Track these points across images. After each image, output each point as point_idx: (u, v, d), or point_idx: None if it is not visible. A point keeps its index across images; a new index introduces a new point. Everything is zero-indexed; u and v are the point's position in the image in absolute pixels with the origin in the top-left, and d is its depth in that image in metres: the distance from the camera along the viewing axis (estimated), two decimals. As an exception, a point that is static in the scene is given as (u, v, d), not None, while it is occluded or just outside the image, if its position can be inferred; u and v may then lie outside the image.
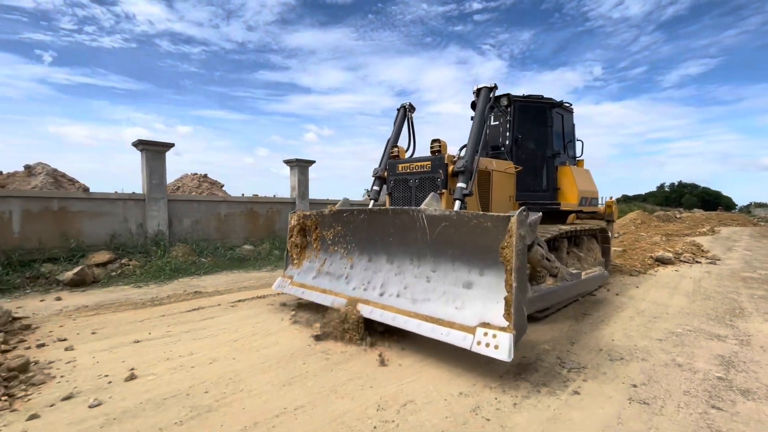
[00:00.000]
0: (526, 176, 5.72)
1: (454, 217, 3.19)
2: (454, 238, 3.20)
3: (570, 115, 6.76)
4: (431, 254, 3.40)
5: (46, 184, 8.30)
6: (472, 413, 2.34)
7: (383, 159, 5.56)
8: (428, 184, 4.65)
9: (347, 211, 4.27)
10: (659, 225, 21.26)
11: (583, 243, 5.59)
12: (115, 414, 2.30)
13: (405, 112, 5.82)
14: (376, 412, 2.33)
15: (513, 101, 5.85)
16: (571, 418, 2.30)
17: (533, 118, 6.09)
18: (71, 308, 4.75)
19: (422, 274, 3.42)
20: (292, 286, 4.59)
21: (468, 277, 3.09)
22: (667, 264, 8.60)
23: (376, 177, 5.48)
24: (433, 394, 2.56)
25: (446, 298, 3.13)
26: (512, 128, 5.90)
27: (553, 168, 6.18)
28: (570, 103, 6.65)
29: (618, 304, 5.09)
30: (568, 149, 6.61)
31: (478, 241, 3.00)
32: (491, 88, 4.60)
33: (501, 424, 2.22)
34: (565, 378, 2.85)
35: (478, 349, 2.66)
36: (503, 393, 2.60)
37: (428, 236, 3.38)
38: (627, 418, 2.30)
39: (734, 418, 2.32)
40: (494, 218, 2.87)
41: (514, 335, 2.60)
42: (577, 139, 6.93)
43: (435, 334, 2.95)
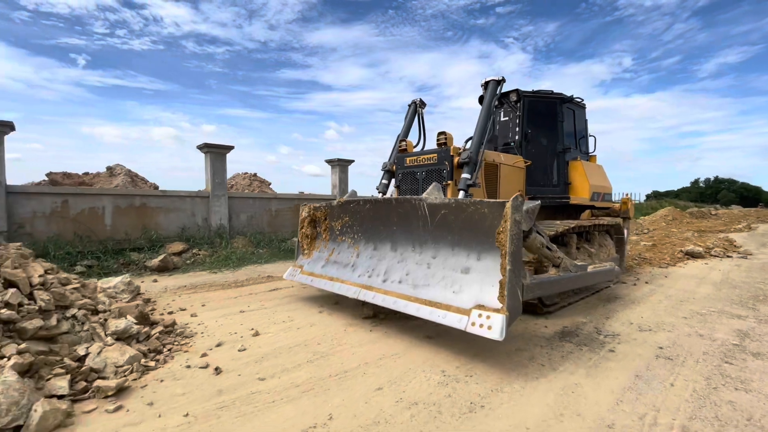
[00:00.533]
0: (536, 171, 5.79)
1: (453, 205, 3.30)
2: (454, 225, 3.30)
3: (582, 110, 6.76)
4: (432, 241, 3.53)
5: (126, 183, 9.42)
6: (530, 361, 3.02)
7: (392, 153, 5.63)
8: (435, 176, 4.73)
9: (354, 202, 4.42)
10: (691, 221, 21.01)
11: (595, 239, 5.64)
12: (261, 355, 3.11)
13: (416, 107, 5.88)
14: (455, 357, 3.04)
15: (522, 97, 5.92)
16: (608, 366, 2.94)
17: (543, 113, 6.09)
18: (172, 288, 5.68)
19: (423, 261, 3.54)
20: (302, 275, 4.77)
21: (466, 262, 3.19)
22: (697, 258, 8.91)
23: (385, 171, 5.54)
24: (494, 350, 3.25)
25: (445, 282, 3.24)
26: (522, 123, 5.92)
27: (564, 163, 6.17)
28: (581, 99, 6.62)
29: (647, 291, 5.61)
30: (580, 145, 6.61)
31: (476, 227, 3.09)
32: (499, 81, 4.66)
33: (553, 368, 2.89)
34: (601, 341, 3.48)
35: (472, 329, 2.76)
36: (552, 349, 3.27)
37: (429, 224, 3.50)
38: (654, 367, 2.92)
39: (743, 370, 2.90)
40: (491, 204, 2.97)
41: (507, 317, 2.68)
42: (590, 134, 6.95)
43: (433, 317, 3.07)
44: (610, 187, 6.84)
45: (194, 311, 4.37)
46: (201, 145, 9.36)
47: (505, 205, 2.81)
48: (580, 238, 5.29)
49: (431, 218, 3.48)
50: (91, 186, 9.12)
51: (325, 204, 4.88)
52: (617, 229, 6.16)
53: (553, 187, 6.07)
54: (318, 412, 2.27)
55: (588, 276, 4.14)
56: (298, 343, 3.36)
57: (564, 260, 3.68)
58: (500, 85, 4.68)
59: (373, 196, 5.29)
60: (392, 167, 5.46)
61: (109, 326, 3.03)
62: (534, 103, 6.03)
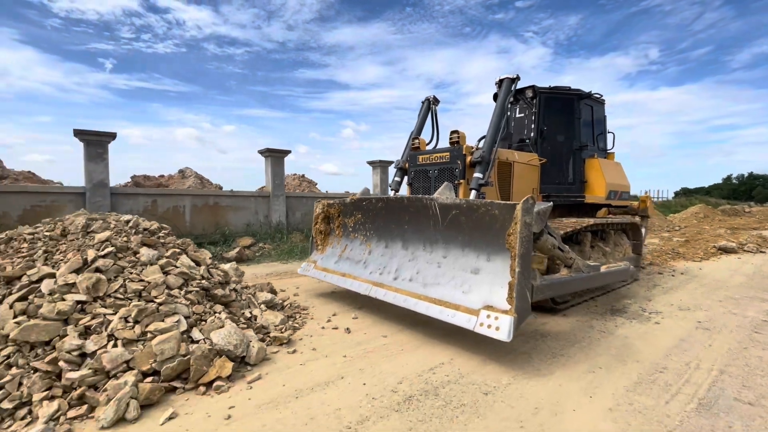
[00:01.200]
0: (551, 168, 5.70)
1: (464, 205, 3.32)
2: (464, 225, 3.33)
3: (600, 106, 6.59)
4: (443, 241, 3.56)
5: (196, 183, 10.52)
6: (590, 328, 3.76)
7: (405, 151, 5.60)
8: (447, 175, 4.71)
9: (366, 200, 4.46)
10: (724, 219, 20.91)
11: (610, 237, 5.56)
12: (372, 320, 3.95)
13: (429, 104, 5.80)
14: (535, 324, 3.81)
15: (538, 93, 5.82)
16: (656, 334, 3.64)
17: (559, 109, 5.96)
18: (260, 274, 6.62)
19: (434, 260, 3.58)
20: (316, 270, 4.87)
21: (476, 262, 3.21)
22: (730, 253, 9.32)
23: (397, 168, 5.54)
24: (564, 324, 3.99)
25: (455, 282, 3.27)
26: (537, 120, 5.82)
27: (580, 160, 6.04)
28: (600, 94, 6.50)
29: (684, 280, 6.20)
30: (598, 141, 6.45)
31: (487, 229, 3.12)
32: (513, 78, 4.64)
33: (610, 333, 3.62)
34: (647, 317, 4.17)
35: (480, 330, 2.80)
36: (606, 321, 3.99)
37: (440, 223, 3.53)
38: (694, 334, 3.61)
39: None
40: (501, 206, 2.99)
41: (515, 318, 2.69)
42: (608, 131, 6.78)
43: (442, 316, 3.13)
44: (628, 185, 6.76)
45: (295, 291, 5.26)
46: (263, 150, 10.36)
47: (516, 207, 2.82)
48: (595, 236, 5.26)
49: (442, 218, 3.51)
50: (167, 187, 10.26)
51: (338, 201, 4.95)
52: (634, 228, 6.02)
53: (569, 185, 5.95)
54: (438, 357, 3.08)
55: (601, 276, 4.14)
56: (399, 314, 4.19)
57: (576, 261, 3.72)
58: (515, 83, 4.67)
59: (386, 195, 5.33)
60: (405, 165, 5.43)
61: (259, 297, 3.94)
62: (550, 99, 5.90)
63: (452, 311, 3.08)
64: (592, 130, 6.33)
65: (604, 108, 6.66)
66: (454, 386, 2.56)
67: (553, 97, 5.90)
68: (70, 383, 2.25)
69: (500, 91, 4.63)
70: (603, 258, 5.09)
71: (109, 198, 7.80)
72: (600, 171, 5.99)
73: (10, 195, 7.06)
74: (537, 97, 5.82)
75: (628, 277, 4.81)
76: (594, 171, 6.04)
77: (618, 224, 5.54)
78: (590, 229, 4.83)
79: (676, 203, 32.15)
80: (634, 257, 5.91)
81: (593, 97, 6.31)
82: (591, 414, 2.25)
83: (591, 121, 6.32)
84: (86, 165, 7.59)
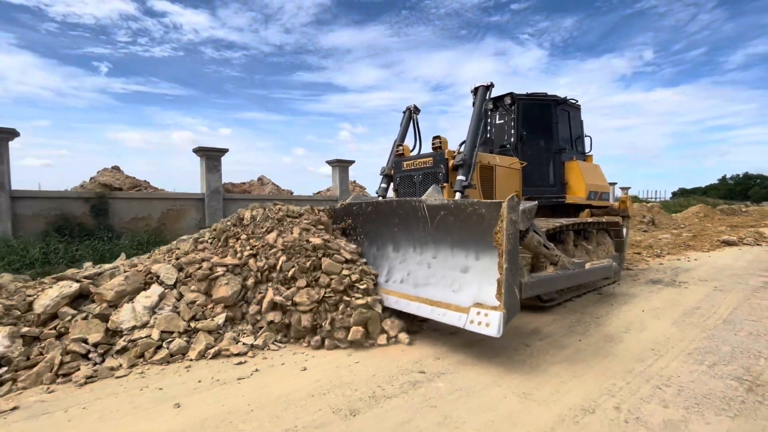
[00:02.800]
0: (532, 172, 5.90)
1: (452, 206, 3.38)
2: (453, 225, 3.38)
3: (577, 111, 6.86)
4: (432, 242, 3.61)
5: (273, 189, 12.18)
6: (642, 291, 5.45)
7: (390, 158, 5.73)
8: (431, 179, 4.88)
9: (356, 205, 4.50)
10: (722, 218, 22.66)
11: (593, 236, 5.77)
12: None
13: (410, 113, 5.95)
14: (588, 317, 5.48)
15: (516, 100, 6.07)
16: (687, 293, 5.31)
17: (537, 115, 6.21)
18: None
19: (424, 261, 3.64)
20: None
21: (465, 261, 3.28)
22: (732, 245, 11.03)
23: (383, 175, 5.65)
24: (626, 289, 5.67)
25: (445, 282, 3.34)
26: (517, 126, 6.07)
27: (560, 164, 6.27)
28: (576, 100, 6.77)
29: (698, 264, 7.88)
30: (576, 145, 6.70)
31: (474, 228, 3.18)
32: (488, 86, 4.89)
33: (657, 292, 5.31)
34: (678, 284, 5.85)
35: (471, 327, 2.86)
36: (651, 287, 5.66)
37: (429, 225, 3.57)
38: (713, 293, 5.29)
39: (765, 296, 5.24)
40: (488, 205, 3.06)
41: (505, 314, 2.75)
42: (585, 135, 7.04)
43: (433, 315, 3.21)
44: (608, 186, 7.06)
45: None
46: (332, 161, 12.03)
47: (502, 206, 2.91)
48: (578, 236, 5.47)
49: (431, 219, 3.55)
50: (250, 193, 11.92)
51: (328, 207, 4.97)
52: (616, 227, 6.26)
53: (550, 187, 6.18)
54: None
55: (585, 273, 4.28)
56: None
57: (561, 258, 3.86)
58: (489, 91, 4.92)
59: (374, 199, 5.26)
60: (390, 171, 5.59)
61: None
62: (528, 105, 6.16)
63: (443, 310, 3.15)
64: (570, 134, 6.61)
65: (580, 113, 6.95)
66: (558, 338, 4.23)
67: (531, 103, 6.18)
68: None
69: (476, 98, 4.90)
70: (586, 256, 5.27)
71: (222, 203, 9.45)
72: (579, 173, 6.25)
73: (153, 201, 8.71)
74: (515, 104, 6.10)
75: (612, 274, 4.99)
76: (573, 173, 6.30)
77: (599, 223, 5.82)
78: (573, 228, 5.10)
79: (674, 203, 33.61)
80: (616, 256, 6.11)
81: (569, 103, 6.57)
82: (663, 326, 3.92)
83: (568, 125, 6.59)
84: (206, 176, 9.25)
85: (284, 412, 2.32)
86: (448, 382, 2.69)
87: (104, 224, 7.96)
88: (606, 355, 3.17)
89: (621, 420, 2.20)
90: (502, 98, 6.22)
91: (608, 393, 2.52)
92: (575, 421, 2.20)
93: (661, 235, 12.74)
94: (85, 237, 7.47)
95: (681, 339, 3.53)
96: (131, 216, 8.43)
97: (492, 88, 4.94)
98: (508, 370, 2.88)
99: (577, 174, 6.28)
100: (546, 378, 2.75)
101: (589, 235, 5.72)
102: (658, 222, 16.65)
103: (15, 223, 7.18)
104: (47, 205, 7.58)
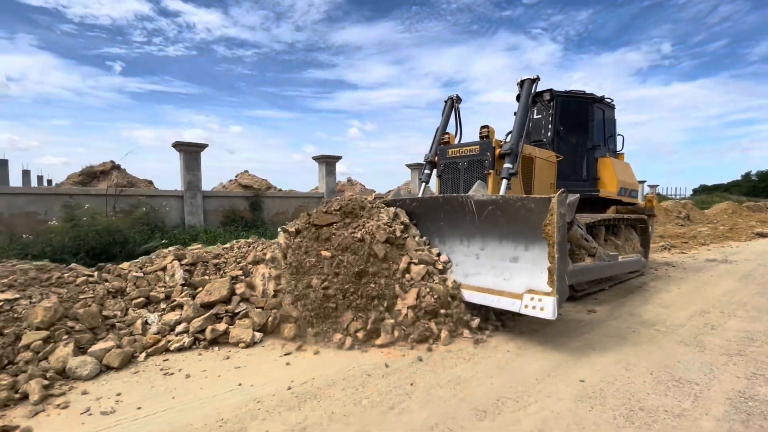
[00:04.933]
0: (566, 166, 6.08)
1: (501, 201, 3.52)
2: (501, 219, 3.53)
3: (611, 110, 7.10)
4: (479, 234, 3.76)
5: (361, 189, 14.27)
6: (705, 266, 7.34)
7: (433, 145, 5.82)
8: (476, 167, 4.99)
9: (399, 201, 4.53)
10: (750, 214, 23.95)
11: (621, 232, 6.02)
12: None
13: (452, 103, 6.03)
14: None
15: (555, 96, 6.29)
16: (738, 268, 7.15)
17: (574, 112, 6.44)
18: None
19: (471, 253, 3.81)
20: None
21: (514, 252, 3.46)
22: (765, 237, 12.70)
23: (427, 162, 5.77)
24: (688, 264, 7.56)
25: (495, 271, 3.53)
26: (554, 121, 6.29)
27: (593, 159, 6.51)
28: (611, 99, 7.01)
29: (740, 250, 9.65)
30: (608, 143, 6.94)
31: (523, 221, 3.33)
32: (534, 79, 4.99)
33: (716, 267, 7.19)
34: (729, 262, 7.68)
35: (526, 311, 3.10)
36: (712, 264, 7.54)
37: (476, 219, 3.70)
38: (759, 267, 7.13)
39: (798, 268, 7.09)
40: (537, 200, 3.20)
41: (558, 298, 2.99)
42: (618, 133, 7.29)
43: (486, 301, 3.39)
44: (637, 183, 7.33)
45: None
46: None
47: (552, 200, 3.07)
48: (607, 231, 5.69)
49: (478, 213, 3.68)
50: (343, 192, 14.03)
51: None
52: (642, 224, 6.53)
53: (583, 181, 6.41)
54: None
55: (619, 265, 4.59)
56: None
57: (598, 250, 4.03)
58: (535, 83, 5.02)
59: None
60: (434, 158, 5.69)
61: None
62: (567, 102, 6.41)
63: (496, 297, 3.37)
64: (603, 131, 6.84)
65: (614, 112, 7.24)
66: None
67: (569, 100, 6.45)
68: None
69: (522, 90, 5.02)
70: (615, 251, 5.48)
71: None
72: (612, 169, 6.52)
73: (290, 199, 10.86)
74: (554, 100, 6.34)
75: (641, 267, 5.28)
76: (606, 169, 6.56)
77: (628, 219, 6.11)
78: (603, 223, 5.36)
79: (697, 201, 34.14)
80: (642, 251, 6.40)
81: (605, 102, 6.87)
82: (730, 283, 5.82)
83: (603, 123, 6.84)
84: (326, 180, 11.37)
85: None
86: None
87: (258, 217, 10.13)
88: (702, 296, 5.11)
89: (708, 327, 4.01)
90: (541, 94, 6.38)
91: (701, 313, 4.40)
92: (702, 314, 4.19)
93: (700, 228, 14.42)
94: (245, 227, 9.65)
95: (745, 288, 5.48)
96: (275, 211, 10.58)
97: (538, 81, 5.05)
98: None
99: (609, 170, 6.54)
100: (662, 304, 4.72)
101: (618, 230, 6.02)
102: (692, 217, 18.22)
103: (205, 216, 9.39)
104: (223, 202, 9.74)
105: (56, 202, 7.56)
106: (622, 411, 2.30)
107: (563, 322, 3.94)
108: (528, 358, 3.07)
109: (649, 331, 3.71)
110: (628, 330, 3.76)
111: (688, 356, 3.11)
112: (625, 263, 5.03)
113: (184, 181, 9.15)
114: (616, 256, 4.62)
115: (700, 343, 3.39)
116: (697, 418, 2.24)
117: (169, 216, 8.86)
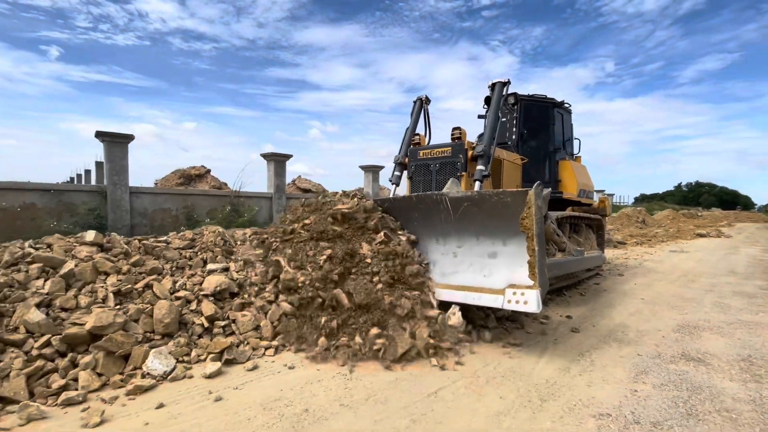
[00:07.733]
0: (530, 168, 6.21)
1: (476, 197, 3.50)
2: (477, 215, 3.50)
3: (569, 114, 7.28)
4: (456, 232, 3.71)
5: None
6: (670, 255, 10.41)
7: (403, 146, 5.71)
8: (448, 168, 4.95)
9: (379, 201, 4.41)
10: (686, 220, 28.75)
11: (582, 231, 6.20)
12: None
13: (422, 104, 5.99)
14: (648, 254, 10.40)
15: (519, 100, 6.37)
16: (692, 255, 10.34)
17: (537, 115, 6.62)
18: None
19: (448, 251, 3.77)
20: None
21: (492, 248, 3.45)
22: (703, 237, 16.50)
23: (397, 163, 5.65)
24: (658, 254, 10.60)
25: (474, 268, 3.53)
26: (519, 124, 6.41)
27: (555, 162, 6.66)
28: (569, 104, 7.15)
29: (688, 246, 13.04)
30: (567, 146, 7.09)
31: (499, 216, 3.32)
32: (505, 82, 5.03)
33: (678, 255, 10.28)
34: (686, 252, 10.91)
35: (509, 306, 3.12)
36: (672, 254, 10.64)
37: (452, 216, 3.65)
38: (706, 255, 10.36)
39: (734, 252, 10.33)
40: (513, 193, 3.21)
41: (540, 291, 3.02)
42: (574, 137, 7.47)
43: (467, 300, 3.39)
44: (593, 186, 7.61)
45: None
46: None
47: (528, 193, 3.11)
48: (571, 229, 5.93)
49: (453, 211, 3.62)
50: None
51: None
52: (599, 224, 6.74)
53: (545, 183, 6.40)
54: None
55: (586, 260, 4.72)
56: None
57: (567, 245, 4.13)
58: (506, 86, 5.07)
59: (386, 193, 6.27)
60: (404, 160, 5.60)
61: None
62: (530, 106, 6.60)
63: (477, 294, 3.35)
64: (563, 135, 7.06)
65: (571, 116, 7.46)
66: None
67: (532, 103, 6.67)
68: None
69: (494, 93, 5.06)
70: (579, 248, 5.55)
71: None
72: (572, 171, 6.69)
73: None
74: (518, 104, 6.44)
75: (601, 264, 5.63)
76: (566, 171, 6.72)
77: (589, 218, 6.44)
78: (568, 221, 5.60)
79: (640, 209, 37.58)
80: (599, 249, 6.66)
81: (564, 106, 7.10)
82: (691, 264, 8.84)
83: (562, 127, 7.06)
84: (371, 186, 13.53)
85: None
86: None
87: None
88: (677, 274, 7.94)
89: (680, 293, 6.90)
90: (506, 97, 6.37)
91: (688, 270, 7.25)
92: (686, 275, 6.98)
93: (655, 230, 18.07)
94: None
95: (703, 266, 8.47)
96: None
97: (509, 85, 5.12)
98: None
99: (569, 172, 6.72)
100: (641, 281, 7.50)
101: (579, 229, 6.31)
102: (647, 221, 22.17)
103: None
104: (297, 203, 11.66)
105: (181, 201, 9.19)
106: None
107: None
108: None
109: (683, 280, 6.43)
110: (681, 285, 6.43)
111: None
112: (591, 259, 5.43)
113: (271, 184, 11.00)
114: (582, 252, 4.85)
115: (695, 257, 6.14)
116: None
117: (260, 214, 10.67)
